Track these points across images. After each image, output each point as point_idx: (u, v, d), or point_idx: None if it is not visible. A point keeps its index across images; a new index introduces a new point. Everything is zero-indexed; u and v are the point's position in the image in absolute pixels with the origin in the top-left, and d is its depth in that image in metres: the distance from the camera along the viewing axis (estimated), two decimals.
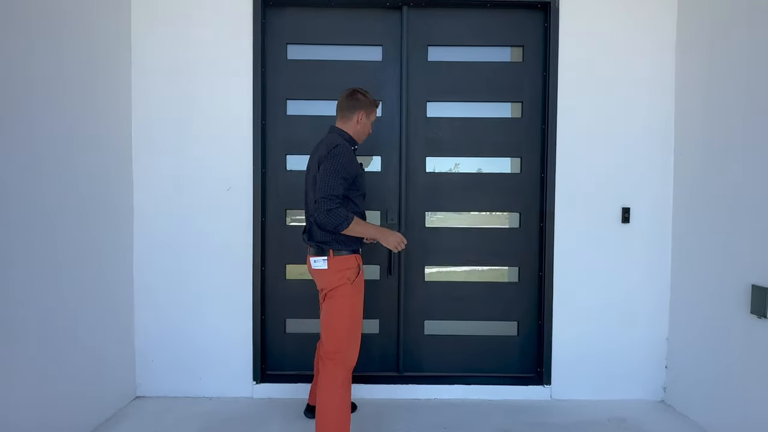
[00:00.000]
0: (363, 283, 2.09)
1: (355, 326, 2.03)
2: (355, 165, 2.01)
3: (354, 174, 1.99)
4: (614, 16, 2.70)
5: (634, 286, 2.75)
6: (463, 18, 2.79)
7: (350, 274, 2.02)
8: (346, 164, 1.95)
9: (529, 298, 2.86)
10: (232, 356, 2.78)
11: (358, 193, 2.07)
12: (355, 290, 2.03)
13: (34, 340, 1.97)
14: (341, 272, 2.02)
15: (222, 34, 2.70)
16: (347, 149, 1.98)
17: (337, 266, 2.02)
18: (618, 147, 2.72)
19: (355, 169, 2.00)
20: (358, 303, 2.04)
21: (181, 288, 2.76)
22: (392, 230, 2.16)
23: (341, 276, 2.01)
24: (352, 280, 2.02)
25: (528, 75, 2.81)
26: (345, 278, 2.01)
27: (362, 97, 2.11)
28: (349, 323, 2.02)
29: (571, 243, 2.75)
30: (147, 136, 2.72)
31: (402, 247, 2.05)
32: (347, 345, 2.01)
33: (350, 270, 2.03)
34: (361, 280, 2.07)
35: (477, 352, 2.88)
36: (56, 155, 2.10)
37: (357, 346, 2.05)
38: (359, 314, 2.06)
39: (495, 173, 2.85)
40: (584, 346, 2.77)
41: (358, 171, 2.02)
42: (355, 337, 2.04)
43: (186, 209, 2.74)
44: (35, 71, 1.97)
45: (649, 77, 2.71)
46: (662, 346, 2.76)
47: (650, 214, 2.73)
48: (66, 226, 2.17)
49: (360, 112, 2.11)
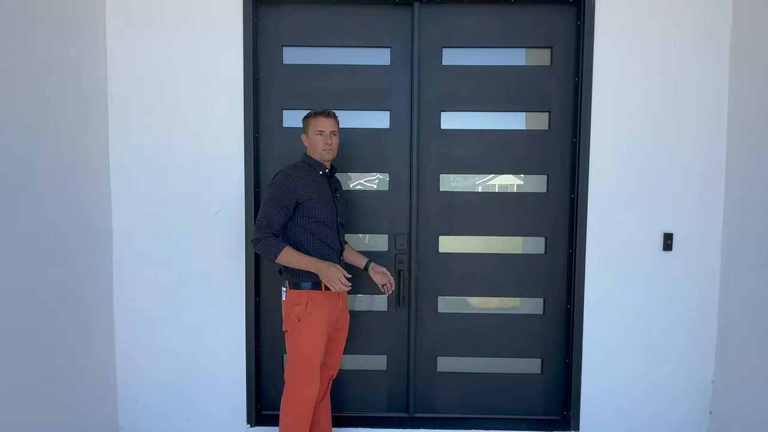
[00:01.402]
0: (319, 318, 1.97)
1: (305, 364, 1.96)
2: (300, 191, 1.93)
3: (295, 201, 1.93)
4: (661, 14, 2.33)
5: (676, 322, 2.43)
6: (482, 16, 2.44)
7: (299, 311, 1.96)
8: (281, 192, 1.92)
9: (555, 333, 2.55)
10: (224, 396, 2.50)
11: (313, 220, 1.97)
12: (304, 327, 1.95)
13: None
14: (291, 307, 1.98)
15: (209, 36, 2.38)
16: (284, 177, 1.94)
17: (290, 300, 1.99)
18: (662, 166, 2.37)
19: (297, 195, 1.93)
20: (308, 342, 1.96)
21: (167, 322, 2.47)
22: (332, 265, 1.91)
23: (291, 310, 1.98)
24: (300, 317, 1.95)
25: (557, 81, 2.46)
26: (294, 315, 1.97)
27: (303, 119, 2.10)
28: (298, 361, 1.97)
29: (604, 272, 2.42)
30: (124, 153, 2.41)
31: (341, 285, 1.88)
32: (296, 381, 1.97)
33: (299, 306, 1.96)
34: (313, 317, 1.96)
35: (496, 392, 2.58)
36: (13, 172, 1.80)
37: (312, 383, 1.96)
38: (311, 353, 1.96)
39: (518, 193, 2.52)
40: (618, 387, 2.46)
41: (303, 196, 1.94)
42: (305, 375, 1.96)
43: (170, 235, 2.44)
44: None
45: (700, 88, 2.35)
46: (707, 389, 2.45)
47: (696, 241, 2.39)
48: (35, 253, 1.88)
49: (303, 134, 2.11)
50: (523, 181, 2.53)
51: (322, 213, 1.98)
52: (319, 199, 1.97)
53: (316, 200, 1.96)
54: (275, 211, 1.92)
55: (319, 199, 1.97)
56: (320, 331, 1.98)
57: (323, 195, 1.99)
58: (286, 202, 1.92)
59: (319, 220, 1.98)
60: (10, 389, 1.78)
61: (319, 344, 1.98)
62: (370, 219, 2.51)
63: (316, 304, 1.97)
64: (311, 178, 2.00)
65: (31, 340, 1.89)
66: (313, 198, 1.95)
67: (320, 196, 1.98)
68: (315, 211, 1.97)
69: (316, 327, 1.97)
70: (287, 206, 1.93)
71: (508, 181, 2.54)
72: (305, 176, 1.98)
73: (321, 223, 1.99)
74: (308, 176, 1.99)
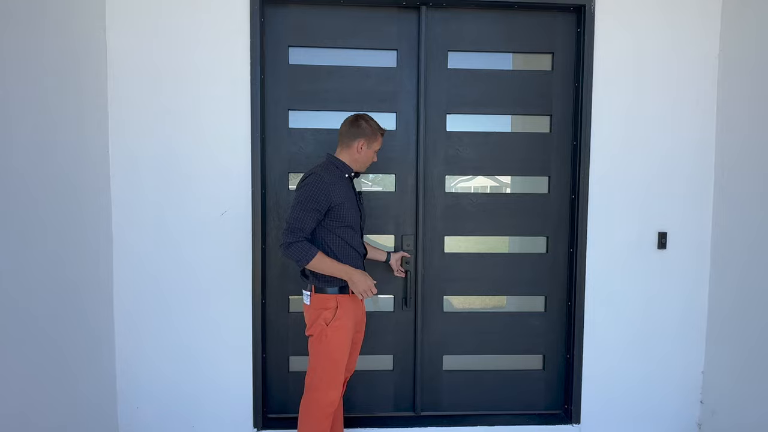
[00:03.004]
0: (347, 323, 1.97)
1: (332, 368, 1.96)
2: (333, 195, 1.89)
3: (328, 205, 1.89)
4: (656, 23, 2.44)
5: (669, 316, 2.55)
6: (487, 21, 2.50)
7: (327, 315, 1.93)
8: (316, 195, 1.86)
9: (557, 330, 2.63)
10: (230, 401, 2.46)
11: (343, 224, 1.95)
12: (332, 332, 1.93)
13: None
14: (318, 311, 1.95)
15: (214, 35, 2.34)
16: (319, 179, 1.88)
17: (316, 304, 1.96)
18: (655, 167, 2.49)
19: (330, 199, 1.88)
20: (338, 346, 1.94)
21: (170, 325, 2.42)
22: (364, 274, 1.96)
23: (318, 315, 1.95)
24: (328, 321, 1.93)
25: (558, 86, 2.54)
26: (322, 319, 1.94)
27: (365, 125, 1.99)
28: (327, 365, 1.95)
29: (602, 270, 2.52)
30: (125, 152, 2.35)
31: (370, 294, 1.93)
32: (322, 385, 1.95)
33: (327, 311, 1.94)
34: (342, 321, 1.95)
35: (500, 388, 2.64)
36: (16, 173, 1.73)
37: (336, 387, 1.97)
38: (341, 357, 1.96)
39: (521, 194, 2.59)
40: (616, 381, 2.56)
41: (336, 200, 1.90)
42: (331, 379, 1.96)
43: (173, 237, 2.39)
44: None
45: (692, 93, 2.47)
46: (698, 380, 2.58)
47: (688, 239, 2.52)
48: (32, 257, 1.81)
49: (360, 140, 1.99)
50: (527, 182, 2.60)
51: (351, 217, 1.96)
52: (348, 203, 1.95)
53: (347, 204, 1.94)
54: (309, 215, 1.85)
55: (348, 202, 1.95)
56: (348, 335, 1.98)
57: (351, 198, 1.98)
58: (319, 206, 1.86)
59: (349, 224, 1.96)
60: (6, 398, 1.70)
61: (347, 348, 1.98)
62: (378, 220, 2.52)
63: (344, 308, 1.95)
64: (341, 181, 1.96)
65: (29, 346, 1.81)
66: (344, 202, 1.92)
67: (349, 200, 1.96)
68: (345, 215, 1.93)
69: (344, 331, 1.95)
70: (320, 210, 1.87)
71: (511, 183, 2.61)
72: (337, 179, 1.94)
73: (349, 227, 1.97)
74: (339, 179, 1.95)
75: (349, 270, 1.91)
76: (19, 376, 1.74)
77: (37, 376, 1.84)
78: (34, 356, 1.82)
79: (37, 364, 1.84)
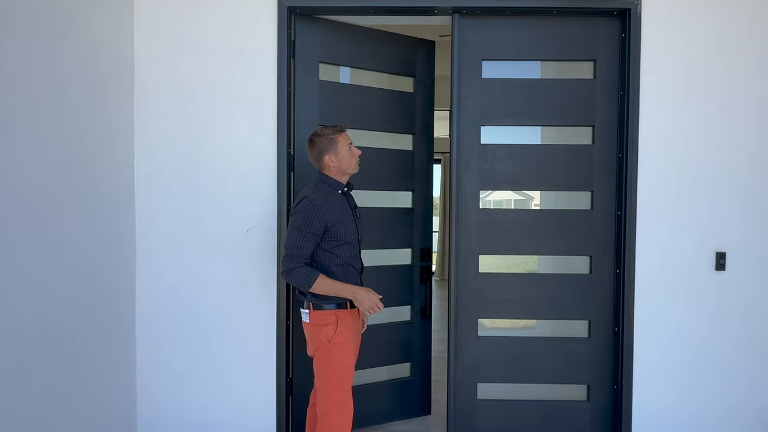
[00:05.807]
0: (349, 337, 1.92)
1: (340, 388, 1.89)
2: (328, 216, 1.86)
3: (324, 227, 1.86)
4: (706, 24, 2.26)
5: (729, 344, 2.31)
6: (523, 28, 2.37)
7: (328, 332, 1.89)
8: (311, 219, 1.84)
9: (602, 358, 2.42)
10: (252, 425, 2.36)
11: (339, 243, 1.91)
12: (336, 349, 1.89)
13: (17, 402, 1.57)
14: (318, 328, 1.90)
15: (242, 49, 2.31)
16: (311, 203, 1.85)
17: (316, 321, 1.91)
18: (712, 181, 2.28)
19: (325, 220, 1.85)
20: (342, 363, 1.89)
21: (191, 345, 2.35)
22: (368, 290, 1.91)
23: (319, 333, 1.90)
24: (330, 338, 1.88)
25: (600, 95, 2.38)
26: (323, 336, 1.89)
27: (319, 140, 1.94)
28: (335, 386, 1.89)
29: (653, 293, 2.31)
30: (151, 167, 2.32)
31: (377, 311, 1.89)
32: (334, 408, 1.88)
33: (327, 327, 1.89)
34: (344, 335, 1.90)
35: (539, 420, 2.44)
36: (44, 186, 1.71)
37: (348, 407, 1.91)
38: (347, 374, 1.91)
39: (561, 210, 2.42)
40: (670, 415, 2.33)
41: (332, 221, 1.87)
42: (342, 400, 1.89)
43: (198, 253, 2.34)
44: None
45: (746, 99, 2.27)
46: (764, 413, 2.31)
47: (750, 260, 2.29)
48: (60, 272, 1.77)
49: (326, 155, 1.93)
50: (567, 198, 2.44)
51: (348, 234, 1.93)
52: (344, 221, 1.92)
53: (343, 223, 1.91)
54: (306, 239, 1.84)
55: (344, 221, 1.92)
56: (352, 349, 1.94)
57: (346, 216, 1.94)
58: (315, 229, 1.85)
59: (346, 241, 1.93)
60: (22, 416, 1.65)
61: (353, 364, 1.93)
62: (394, 234, 2.46)
63: (345, 323, 1.91)
64: (334, 199, 1.93)
65: (48, 363, 1.77)
66: (341, 222, 1.90)
67: (345, 218, 1.93)
68: (341, 234, 1.90)
69: (347, 346, 1.91)
70: (317, 233, 1.86)
71: (551, 198, 2.45)
72: (330, 199, 1.91)
73: (347, 243, 1.94)
74: (332, 199, 1.92)
75: (353, 288, 1.89)
76: (32, 396, 1.70)
77: (56, 387, 1.80)
78: (49, 378, 1.78)
79: (48, 387, 1.79)
